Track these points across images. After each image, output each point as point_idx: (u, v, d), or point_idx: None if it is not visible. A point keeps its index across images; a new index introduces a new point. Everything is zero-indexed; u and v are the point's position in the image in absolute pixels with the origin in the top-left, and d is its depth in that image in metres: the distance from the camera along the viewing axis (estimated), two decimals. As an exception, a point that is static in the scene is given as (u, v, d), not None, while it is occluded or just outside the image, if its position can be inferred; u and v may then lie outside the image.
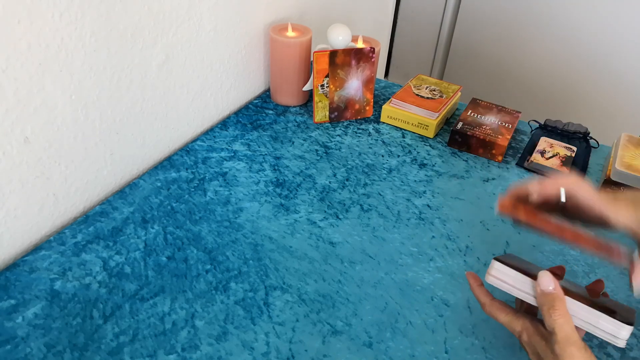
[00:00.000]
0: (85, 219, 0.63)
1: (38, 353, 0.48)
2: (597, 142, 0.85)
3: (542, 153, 0.79)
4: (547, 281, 0.44)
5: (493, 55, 1.60)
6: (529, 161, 0.78)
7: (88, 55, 0.58)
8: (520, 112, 0.87)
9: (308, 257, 0.61)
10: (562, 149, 0.80)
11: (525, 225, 0.49)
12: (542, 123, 0.87)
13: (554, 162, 0.77)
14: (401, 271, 0.60)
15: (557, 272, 0.50)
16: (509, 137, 0.80)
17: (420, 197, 0.72)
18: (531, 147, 0.82)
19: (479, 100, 0.89)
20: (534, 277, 0.46)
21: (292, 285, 0.57)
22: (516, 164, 0.80)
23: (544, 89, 1.56)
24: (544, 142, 0.81)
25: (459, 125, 0.82)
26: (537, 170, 0.77)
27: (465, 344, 0.52)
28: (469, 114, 0.85)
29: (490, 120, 0.84)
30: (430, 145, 0.83)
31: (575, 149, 0.80)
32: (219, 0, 0.76)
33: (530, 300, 0.46)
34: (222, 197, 0.69)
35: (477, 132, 0.80)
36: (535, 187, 0.49)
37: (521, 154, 0.82)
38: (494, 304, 0.48)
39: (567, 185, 0.48)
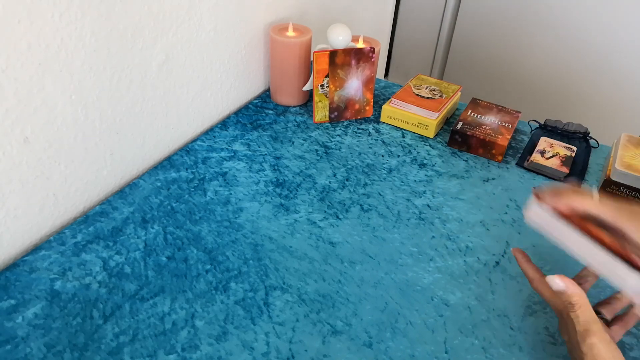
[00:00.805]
0: (85, 219, 0.63)
1: (38, 353, 0.48)
2: (597, 142, 0.85)
3: (542, 153, 0.79)
4: (557, 283, 0.46)
5: (493, 55, 1.60)
6: (529, 161, 0.78)
7: (88, 55, 0.58)
8: (520, 112, 0.87)
9: (308, 257, 0.61)
10: (562, 149, 0.80)
11: (560, 218, 0.47)
12: (542, 123, 0.87)
13: (554, 162, 0.77)
14: (401, 271, 0.60)
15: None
16: (509, 137, 0.80)
17: (420, 197, 0.72)
18: (531, 147, 0.82)
19: (479, 100, 0.89)
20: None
21: (292, 285, 0.57)
22: (516, 164, 0.80)
23: (544, 89, 1.56)
24: (544, 142, 0.81)
25: (459, 125, 0.82)
26: (537, 170, 0.77)
27: (465, 344, 0.52)
28: (469, 114, 0.85)
29: (490, 120, 0.84)
30: (430, 145, 0.83)
31: (575, 149, 0.80)
32: (219, 0, 0.76)
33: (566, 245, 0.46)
34: (222, 197, 0.69)
35: (477, 132, 0.80)
36: (551, 202, 0.48)
37: (521, 154, 0.82)
38: (543, 280, 0.50)
39: (582, 206, 0.47)
